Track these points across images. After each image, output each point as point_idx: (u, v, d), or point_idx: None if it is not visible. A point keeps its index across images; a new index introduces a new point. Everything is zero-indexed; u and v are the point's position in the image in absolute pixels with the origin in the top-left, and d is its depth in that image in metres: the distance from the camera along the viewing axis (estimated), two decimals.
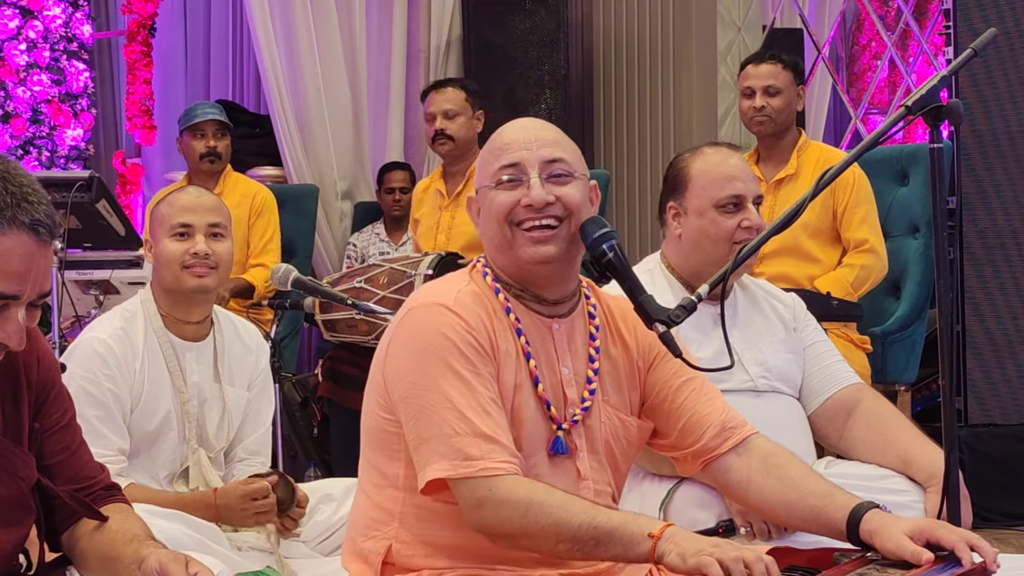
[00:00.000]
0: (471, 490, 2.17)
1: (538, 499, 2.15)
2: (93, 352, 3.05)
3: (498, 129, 2.41)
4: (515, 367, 2.29)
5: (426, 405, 2.20)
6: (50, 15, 7.08)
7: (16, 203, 1.85)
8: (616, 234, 2.33)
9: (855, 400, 3.02)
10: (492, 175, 2.33)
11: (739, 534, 2.70)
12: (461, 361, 2.21)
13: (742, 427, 2.44)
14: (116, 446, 3.03)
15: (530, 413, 2.30)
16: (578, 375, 2.37)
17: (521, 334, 2.31)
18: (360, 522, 2.38)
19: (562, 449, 2.32)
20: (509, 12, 7.05)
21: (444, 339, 2.22)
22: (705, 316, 2.83)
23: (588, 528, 2.13)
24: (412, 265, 4.65)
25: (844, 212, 4.52)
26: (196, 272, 3.10)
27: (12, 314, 1.90)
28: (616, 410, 2.41)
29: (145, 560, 2.00)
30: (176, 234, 3.12)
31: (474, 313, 2.27)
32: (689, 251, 3.02)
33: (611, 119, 7.40)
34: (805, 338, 3.10)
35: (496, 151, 2.35)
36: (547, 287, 2.35)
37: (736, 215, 2.96)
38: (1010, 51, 5.08)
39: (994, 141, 5.08)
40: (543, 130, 2.37)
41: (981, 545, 2.12)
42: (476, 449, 2.17)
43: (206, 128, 5.55)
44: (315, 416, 5.42)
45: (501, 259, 2.35)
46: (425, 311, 2.27)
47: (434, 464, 2.18)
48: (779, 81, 4.64)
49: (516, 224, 2.30)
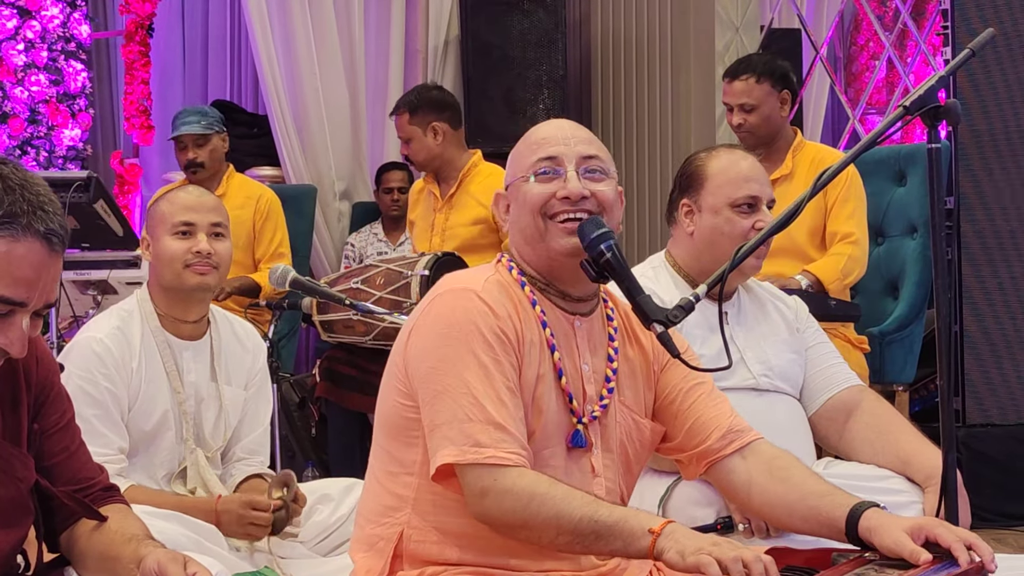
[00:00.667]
0: (477, 478, 2.18)
1: (541, 490, 2.16)
2: (90, 352, 3.05)
3: (531, 129, 2.44)
4: (539, 358, 2.30)
5: (443, 389, 2.21)
6: (48, 15, 7.08)
7: (32, 211, 1.87)
8: (614, 234, 2.33)
9: (855, 401, 3.03)
10: (527, 168, 2.35)
11: (737, 531, 2.71)
12: (483, 347, 2.22)
13: (747, 432, 2.46)
14: (116, 445, 3.03)
15: (551, 404, 2.31)
16: (597, 373, 2.38)
17: (546, 326, 2.33)
18: (370, 509, 2.38)
19: (582, 443, 2.34)
20: (507, 12, 7.05)
21: (470, 324, 2.24)
22: (710, 314, 2.85)
23: (589, 522, 2.14)
24: (409, 266, 4.64)
25: (833, 206, 4.52)
26: (198, 270, 3.10)
27: (17, 321, 1.91)
28: (631, 411, 2.43)
29: (143, 560, 2.00)
30: (178, 232, 3.12)
31: (500, 302, 2.28)
32: (701, 249, 3.03)
33: (609, 119, 7.40)
34: (807, 339, 3.11)
35: (532, 145, 2.38)
36: (573, 282, 2.36)
37: (751, 216, 2.99)
38: (1008, 51, 5.08)
39: (992, 141, 5.09)
40: (580, 129, 2.41)
41: (978, 545, 2.12)
42: (487, 436, 2.18)
43: (185, 140, 5.53)
44: (313, 416, 5.42)
45: (530, 252, 2.36)
46: (453, 296, 2.28)
47: (444, 449, 2.19)
48: (752, 97, 4.61)
49: (550, 216, 2.32)
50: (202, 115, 5.61)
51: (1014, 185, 5.10)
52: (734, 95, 4.64)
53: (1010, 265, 5.08)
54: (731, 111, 4.66)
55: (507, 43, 7.04)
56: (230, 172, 5.65)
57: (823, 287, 4.40)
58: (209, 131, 5.54)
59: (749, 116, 4.61)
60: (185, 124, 5.53)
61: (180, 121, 5.57)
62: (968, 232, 5.07)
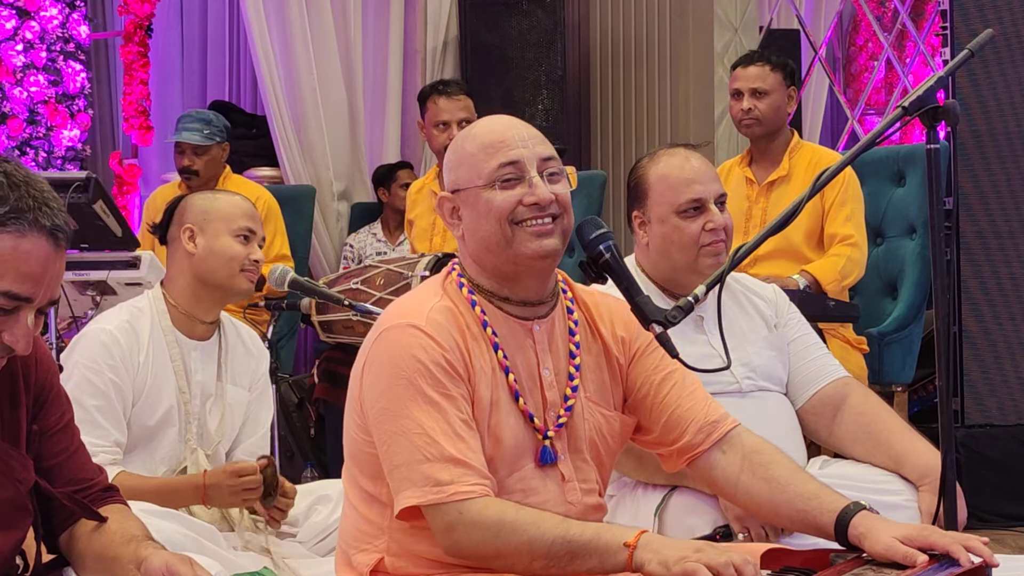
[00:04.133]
0: (442, 515, 2.15)
1: (509, 518, 2.14)
2: (98, 342, 3.09)
3: (474, 128, 2.36)
4: (492, 383, 2.27)
5: (397, 431, 2.19)
6: (47, 16, 7.08)
7: (38, 207, 1.89)
8: (613, 235, 2.33)
9: (842, 396, 3.01)
10: (488, 175, 2.29)
11: (736, 540, 2.69)
12: (431, 383, 2.19)
13: (724, 420, 2.43)
14: (112, 438, 3.04)
15: (510, 429, 2.28)
16: (559, 375, 2.35)
17: (498, 349, 2.29)
18: (350, 534, 2.36)
19: (551, 458, 2.31)
20: (506, 13, 7.05)
21: (415, 361, 2.20)
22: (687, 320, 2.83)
23: (561, 543, 2.11)
24: (409, 266, 4.64)
25: (831, 208, 4.52)
26: (250, 277, 3.20)
27: (22, 317, 1.92)
28: (598, 406, 2.39)
29: (147, 560, 2.00)
30: (240, 236, 3.19)
31: (446, 332, 2.24)
32: (657, 258, 3.00)
33: (608, 120, 7.40)
34: (789, 333, 3.08)
35: (488, 148, 2.30)
36: (535, 284, 2.33)
37: (698, 218, 2.93)
38: (1008, 51, 5.08)
39: (993, 141, 5.09)
40: (527, 127, 2.35)
41: (974, 545, 2.11)
42: (446, 474, 2.15)
43: (184, 146, 5.52)
44: (311, 417, 5.42)
45: (492, 259, 2.31)
46: (397, 332, 2.24)
47: (406, 491, 2.17)
48: (767, 83, 4.63)
49: (516, 223, 2.27)
50: (206, 123, 5.56)
51: (1014, 185, 5.09)
52: (748, 79, 4.64)
53: (1010, 265, 5.08)
54: (739, 99, 4.65)
55: (506, 44, 7.04)
56: (227, 173, 5.64)
57: (821, 288, 4.40)
58: (209, 142, 5.50)
59: (760, 102, 4.61)
60: (187, 131, 5.51)
61: (183, 126, 5.55)
62: (968, 232, 5.06)
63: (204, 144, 5.50)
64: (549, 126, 6.76)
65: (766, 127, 4.62)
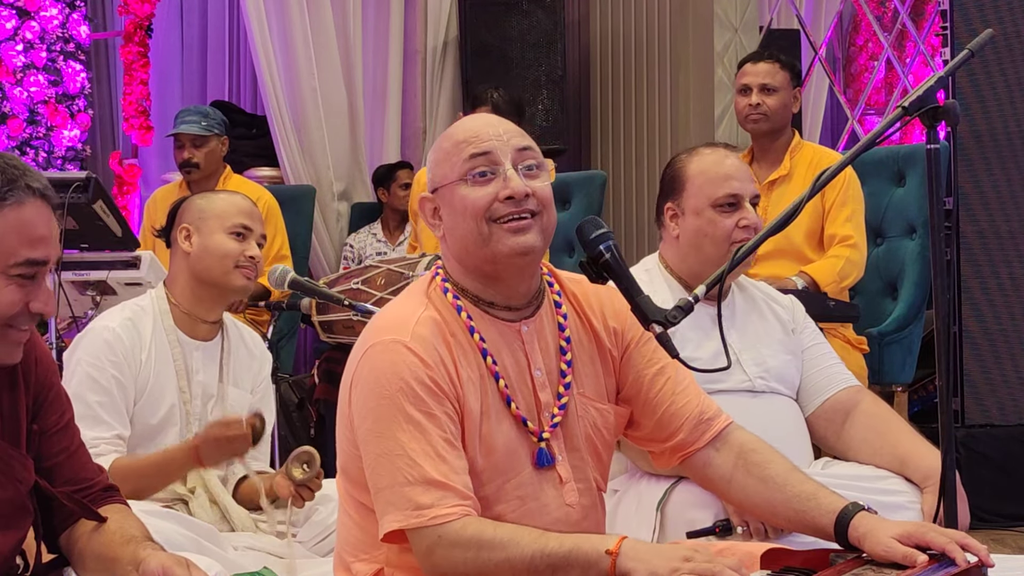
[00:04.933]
0: (423, 538, 2.14)
1: (487, 537, 2.12)
2: (101, 339, 3.10)
3: (452, 127, 2.33)
4: (482, 391, 2.25)
5: (381, 452, 2.18)
6: (47, 16, 7.08)
7: (23, 174, 1.98)
8: (613, 235, 2.32)
9: (853, 402, 3.03)
10: (459, 169, 2.25)
11: (736, 533, 2.70)
12: (415, 403, 2.17)
13: (717, 417, 2.41)
14: (114, 432, 3.05)
15: (503, 436, 2.26)
16: (551, 374, 2.33)
17: (487, 355, 2.27)
18: (348, 542, 2.35)
19: (548, 460, 2.30)
20: (506, 13, 7.05)
21: (399, 380, 2.18)
22: (704, 316, 2.83)
23: (541, 556, 2.10)
24: (410, 266, 4.64)
25: (831, 208, 4.52)
26: (246, 273, 3.19)
27: (42, 280, 2.00)
28: (592, 401, 2.37)
29: (144, 561, 2.01)
30: (235, 233, 3.19)
31: (431, 347, 2.21)
32: (688, 251, 3.02)
33: (608, 120, 7.40)
34: (804, 340, 3.10)
35: (461, 144, 2.26)
36: (518, 283, 2.30)
37: (734, 214, 2.97)
38: (1008, 51, 5.09)
39: (993, 141, 5.09)
40: (504, 123, 2.31)
41: (971, 544, 2.12)
42: (427, 497, 2.14)
43: (183, 139, 5.52)
44: (311, 417, 5.42)
45: (472, 259, 2.28)
46: (382, 349, 2.21)
47: (389, 515, 2.16)
48: (776, 80, 4.65)
49: (493, 220, 2.23)
50: (203, 116, 5.60)
51: (1014, 185, 5.10)
52: (758, 75, 4.66)
53: (1010, 265, 5.08)
54: (746, 95, 4.65)
55: (506, 44, 7.04)
56: (227, 173, 5.64)
57: (819, 289, 4.40)
58: (208, 133, 5.52)
59: (768, 98, 4.63)
60: (185, 123, 5.53)
61: (180, 119, 5.57)
62: (968, 232, 5.07)
63: (203, 135, 5.51)
64: (549, 126, 6.76)
65: (772, 123, 4.63)
